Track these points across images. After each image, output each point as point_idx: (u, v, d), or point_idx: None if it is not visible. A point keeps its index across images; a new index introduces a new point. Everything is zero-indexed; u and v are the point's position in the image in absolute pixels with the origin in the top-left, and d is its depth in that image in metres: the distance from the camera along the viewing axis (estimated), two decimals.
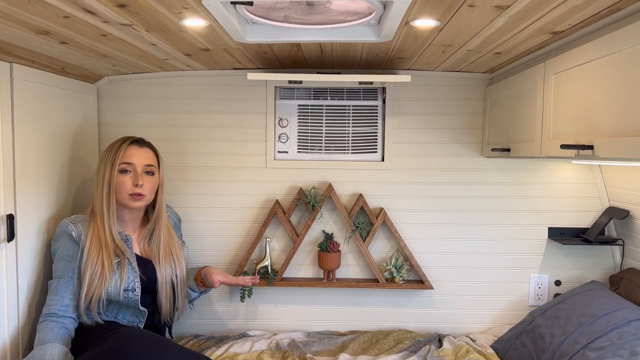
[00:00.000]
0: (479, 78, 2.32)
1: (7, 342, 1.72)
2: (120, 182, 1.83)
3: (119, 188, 1.83)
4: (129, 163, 1.85)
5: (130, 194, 1.84)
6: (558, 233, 2.33)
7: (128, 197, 1.84)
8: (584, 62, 1.44)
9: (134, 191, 1.84)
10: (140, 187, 1.84)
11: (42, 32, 1.45)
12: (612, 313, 1.79)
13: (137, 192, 1.84)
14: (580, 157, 1.45)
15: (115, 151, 1.85)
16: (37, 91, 1.86)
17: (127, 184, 1.83)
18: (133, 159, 1.85)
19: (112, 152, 1.85)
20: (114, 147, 1.86)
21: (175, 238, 2.01)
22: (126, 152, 1.85)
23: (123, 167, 1.84)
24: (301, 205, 2.36)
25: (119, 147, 1.85)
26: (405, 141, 2.35)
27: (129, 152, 1.85)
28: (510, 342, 2.07)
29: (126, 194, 1.84)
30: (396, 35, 1.64)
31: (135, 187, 1.84)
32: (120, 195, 1.84)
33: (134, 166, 1.85)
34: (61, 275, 1.78)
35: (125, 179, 1.84)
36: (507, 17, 1.39)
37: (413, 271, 2.34)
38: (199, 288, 2.05)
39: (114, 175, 1.82)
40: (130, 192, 1.84)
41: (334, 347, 2.16)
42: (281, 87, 2.35)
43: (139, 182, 1.84)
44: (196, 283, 2.04)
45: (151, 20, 1.41)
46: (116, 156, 1.83)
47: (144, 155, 1.89)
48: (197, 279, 2.04)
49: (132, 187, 1.84)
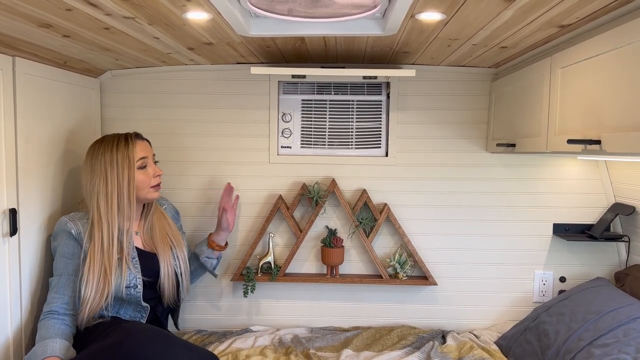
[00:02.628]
0: (484, 73, 2.30)
1: (9, 337, 1.72)
2: (141, 178, 1.84)
3: (140, 185, 1.84)
4: (144, 157, 1.85)
5: (152, 186, 1.87)
6: (563, 229, 2.32)
7: (151, 190, 1.88)
8: (592, 56, 1.42)
9: (156, 182, 1.89)
10: (159, 176, 1.90)
11: (44, 25, 1.44)
12: (617, 310, 1.78)
13: (159, 182, 1.90)
14: (587, 152, 1.43)
15: (125, 150, 1.80)
16: (39, 85, 1.85)
17: (147, 177, 1.85)
18: (145, 152, 1.86)
19: (120, 152, 1.79)
20: (120, 146, 1.80)
21: (173, 225, 2.02)
22: (137, 148, 1.84)
23: (141, 163, 1.84)
24: (304, 201, 2.35)
25: (127, 145, 1.81)
26: (409, 136, 2.33)
27: (139, 147, 1.85)
28: (515, 338, 2.06)
29: (148, 187, 1.86)
30: (401, 29, 1.62)
31: (156, 177, 1.88)
32: (141, 192, 1.85)
33: (148, 159, 1.87)
34: (62, 272, 1.78)
35: (145, 174, 1.85)
36: (514, 10, 1.37)
37: (417, 267, 2.33)
38: (215, 252, 2.13)
39: (134, 172, 1.80)
40: (153, 184, 1.88)
41: (337, 343, 2.15)
42: (284, 81, 2.34)
43: (160, 172, 1.91)
44: (212, 249, 2.12)
45: (154, 13, 1.40)
46: (131, 154, 1.80)
47: (148, 146, 1.91)
48: (211, 245, 2.13)
49: (153, 179, 1.87)
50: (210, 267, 2.16)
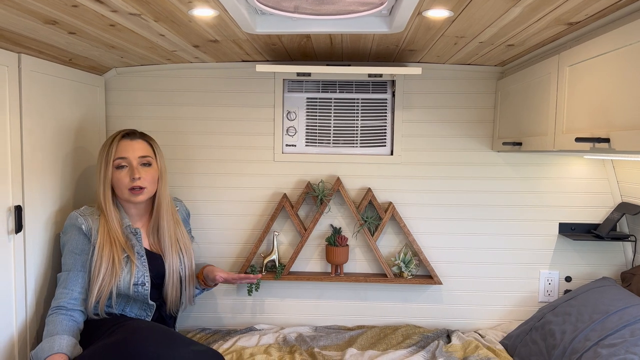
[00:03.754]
0: (490, 71, 2.28)
1: (14, 335, 1.72)
2: (117, 178, 1.81)
3: (117, 184, 1.81)
4: (123, 157, 1.82)
5: (129, 189, 1.81)
6: (569, 229, 2.31)
7: (128, 193, 1.82)
8: (601, 54, 1.41)
9: (132, 185, 1.81)
10: (137, 180, 1.81)
11: (50, 21, 1.44)
12: (624, 310, 1.77)
13: (136, 185, 1.81)
14: (595, 150, 1.42)
15: (107, 148, 1.82)
16: (44, 82, 1.85)
17: (125, 179, 1.81)
18: (126, 152, 1.82)
19: (105, 148, 1.83)
20: (107, 143, 1.84)
21: (184, 230, 1.99)
22: (119, 147, 1.82)
23: (118, 163, 1.81)
24: (309, 199, 2.34)
25: (111, 143, 1.82)
26: (414, 135, 2.32)
27: (122, 147, 1.82)
28: (520, 338, 2.05)
29: (125, 189, 1.81)
30: (408, 26, 1.61)
31: (132, 181, 1.80)
32: (120, 192, 1.83)
33: (129, 160, 1.82)
34: (70, 268, 1.78)
35: (122, 174, 1.81)
36: (522, 7, 1.36)
37: (422, 266, 2.33)
38: (200, 285, 2.04)
39: (110, 172, 1.80)
40: (128, 186, 1.81)
41: (341, 342, 2.15)
42: (289, 79, 2.33)
43: (135, 176, 1.80)
44: (198, 281, 2.02)
45: (160, 9, 1.40)
46: (109, 153, 1.81)
47: (137, 147, 1.85)
48: (199, 277, 2.02)
49: (130, 182, 1.81)
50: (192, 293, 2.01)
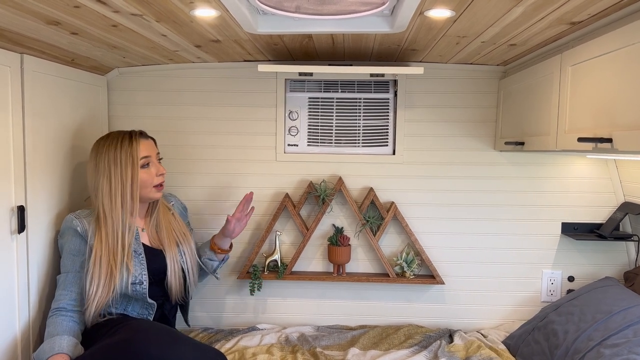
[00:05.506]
0: (493, 70, 2.28)
1: (18, 335, 1.73)
2: (144, 177, 1.83)
3: (143, 184, 1.83)
4: (147, 156, 1.85)
5: (155, 185, 1.86)
6: (572, 228, 2.30)
7: (154, 190, 1.87)
8: (604, 53, 1.40)
9: (159, 181, 1.87)
10: (163, 175, 1.89)
11: (52, 22, 1.44)
12: (627, 310, 1.76)
13: (161, 181, 1.88)
14: (597, 150, 1.41)
15: (128, 149, 1.80)
16: (47, 82, 1.85)
17: (151, 176, 1.85)
18: (147, 151, 1.85)
19: (124, 150, 1.79)
20: (124, 145, 1.80)
21: (180, 220, 2.02)
22: (140, 147, 1.83)
23: (144, 162, 1.83)
24: (311, 199, 2.34)
25: (131, 144, 1.81)
26: (416, 134, 2.32)
27: (143, 146, 1.84)
28: (523, 338, 2.05)
29: (151, 186, 1.85)
30: (409, 26, 1.61)
31: (159, 176, 1.87)
32: (145, 190, 1.84)
33: (151, 158, 1.86)
34: (69, 269, 1.78)
35: (148, 173, 1.84)
36: (524, 7, 1.36)
37: (424, 266, 2.32)
38: (217, 255, 2.09)
39: (136, 172, 1.80)
40: (155, 183, 1.86)
41: (343, 342, 2.14)
42: (291, 79, 2.33)
43: (163, 171, 1.89)
44: (213, 252, 2.07)
45: (162, 10, 1.40)
46: (134, 153, 1.80)
47: (152, 145, 1.90)
48: (213, 248, 2.07)
49: (156, 178, 1.86)
50: (211, 268, 2.09)
